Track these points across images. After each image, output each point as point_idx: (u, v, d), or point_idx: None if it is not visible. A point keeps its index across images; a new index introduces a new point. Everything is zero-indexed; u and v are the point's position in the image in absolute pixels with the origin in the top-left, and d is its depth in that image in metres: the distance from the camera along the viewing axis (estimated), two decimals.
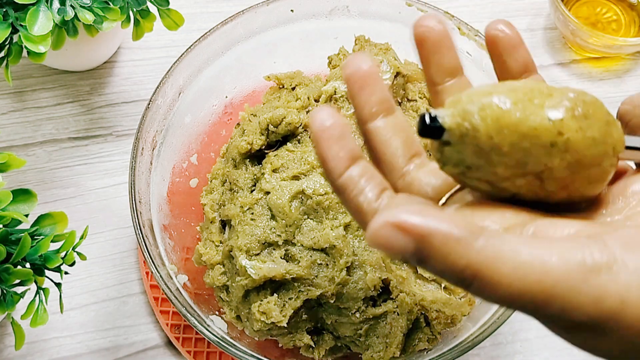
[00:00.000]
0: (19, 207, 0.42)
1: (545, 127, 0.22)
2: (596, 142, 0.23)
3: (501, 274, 0.20)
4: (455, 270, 0.20)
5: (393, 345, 0.45)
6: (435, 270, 0.21)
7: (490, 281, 0.20)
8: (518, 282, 0.20)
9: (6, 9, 0.48)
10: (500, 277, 0.20)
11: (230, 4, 0.69)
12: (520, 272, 0.20)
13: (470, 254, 0.20)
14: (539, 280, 0.20)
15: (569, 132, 0.22)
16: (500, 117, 0.23)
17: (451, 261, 0.20)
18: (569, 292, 0.20)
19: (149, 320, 0.54)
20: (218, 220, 0.51)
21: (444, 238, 0.20)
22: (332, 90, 0.50)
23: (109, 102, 0.64)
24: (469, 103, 0.23)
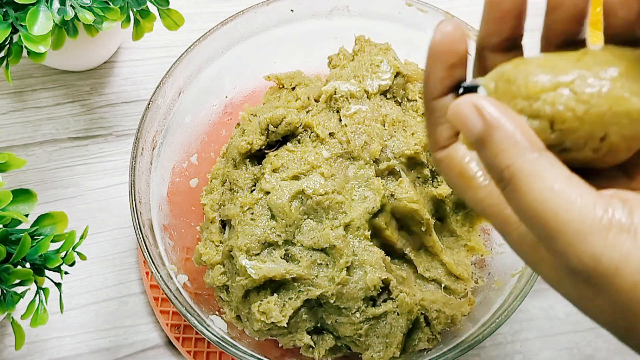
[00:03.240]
0: (19, 207, 0.42)
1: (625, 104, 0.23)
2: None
3: (531, 188, 0.21)
4: (500, 166, 0.22)
5: (393, 345, 0.45)
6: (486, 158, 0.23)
7: (521, 190, 0.21)
8: (540, 202, 0.21)
9: (6, 8, 0.48)
10: (530, 191, 0.21)
11: (230, 4, 0.69)
12: (546, 194, 0.21)
13: (517, 159, 0.21)
14: (556, 212, 0.21)
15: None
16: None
17: (500, 157, 0.22)
18: (575, 236, 0.21)
19: (149, 320, 0.54)
20: (218, 220, 0.51)
21: (505, 135, 0.22)
22: (332, 90, 0.50)
23: (109, 102, 0.64)
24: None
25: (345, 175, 0.48)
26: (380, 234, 0.47)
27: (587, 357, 0.54)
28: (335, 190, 0.46)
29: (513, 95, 0.23)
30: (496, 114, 0.22)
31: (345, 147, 0.48)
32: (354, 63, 0.52)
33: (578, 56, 0.24)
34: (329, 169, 0.47)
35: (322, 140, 0.48)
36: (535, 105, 0.23)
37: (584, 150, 0.23)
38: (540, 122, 0.23)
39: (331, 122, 0.49)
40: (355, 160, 0.48)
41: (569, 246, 0.21)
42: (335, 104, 0.50)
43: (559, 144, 0.23)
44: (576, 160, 0.24)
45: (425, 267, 0.49)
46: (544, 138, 0.23)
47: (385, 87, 0.51)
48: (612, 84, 0.23)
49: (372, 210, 0.46)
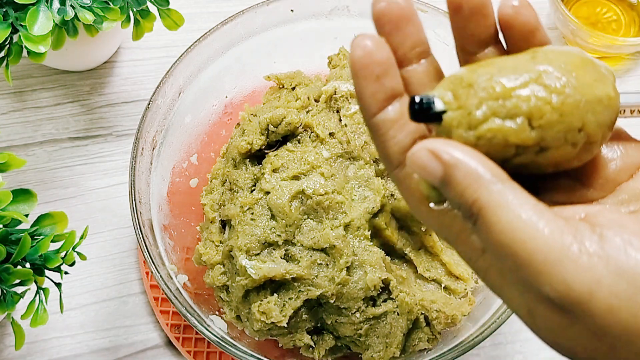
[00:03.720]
0: (19, 207, 0.42)
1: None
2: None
3: (499, 220, 0.21)
4: (467, 202, 0.22)
5: (393, 345, 0.45)
6: (453, 199, 0.22)
7: (489, 222, 0.21)
8: (508, 232, 0.21)
9: (6, 8, 0.48)
10: (498, 222, 0.21)
11: (230, 4, 0.69)
12: (514, 224, 0.21)
13: (482, 192, 0.21)
14: (524, 241, 0.21)
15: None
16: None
17: (466, 194, 0.22)
18: (545, 264, 0.20)
19: (149, 320, 0.54)
20: (218, 220, 0.51)
21: (467, 171, 0.22)
22: (332, 90, 0.50)
23: (109, 102, 0.64)
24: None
25: (346, 175, 0.48)
26: (380, 234, 0.47)
27: None
28: (335, 190, 0.46)
29: (480, 98, 0.22)
30: (454, 153, 0.22)
31: (345, 147, 0.48)
32: None
33: (531, 55, 0.24)
34: (329, 169, 0.47)
35: (322, 140, 0.48)
36: (510, 104, 0.22)
37: (563, 146, 0.23)
38: (517, 121, 0.22)
39: (331, 122, 0.49)
40: (356, 160, 0.48)
41: (539, 275, 0.21)
42: (335, 104, 0.50)
43: (539, 142, 0.22)
44: (552, 160, 0.23)
45: (425, 267, 0.49)
46: (524, 138, 0.22)
47: None
48: (577, 75, 0.23)
49: (372, 210, 0.46)
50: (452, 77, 0.23)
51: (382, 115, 0.25)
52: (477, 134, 0.22)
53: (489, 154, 0.22)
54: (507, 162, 0.23)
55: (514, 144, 0.22)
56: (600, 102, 0.23)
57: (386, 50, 0.24)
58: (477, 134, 0.22)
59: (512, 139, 0.22)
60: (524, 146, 0.22)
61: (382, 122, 0.25)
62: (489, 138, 0.22)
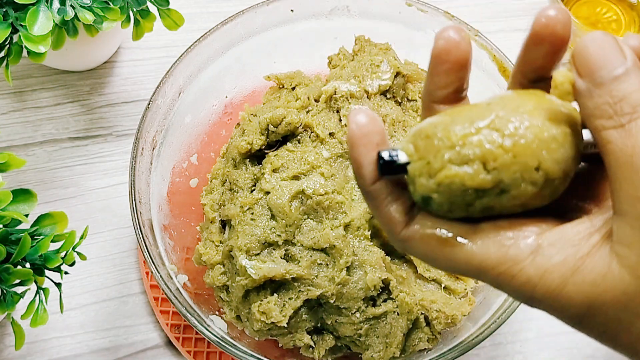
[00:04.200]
0: (19, 207, 0.42)
1: None
2: None
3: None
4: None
5: (393, 345, 0.45)
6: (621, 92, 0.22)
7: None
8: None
9: (6, 8, 0.48)
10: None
11: (230, 4, 0.69)
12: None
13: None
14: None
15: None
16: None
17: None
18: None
19: (149, 320, 0.54)
20: (218, 220, 0.51)
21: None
22: (332, 90, 0.50)
23: (109, 102, 0.64)
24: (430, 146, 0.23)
25: (345, 175, 0.48)
26: (381, 234, 0.47)
27: (587, 357, 0.54)
28: (335, 190, 0.46)
29: (437, 148, 0.23)
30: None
31: (345, 147, 0.48)
32: (354, 63, 0.52)
33: (488, 102, 0.24)
34: (329, 169, 0.47)
35: (322, 140, 0.48)
36: (464, 151, 0.23)
37: (522, 186, 0.23)
38: (472, 166, 0.23)
39: (331, 122, 0.49)
40: None
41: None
42: (335, 104, 0.50)
43: (497, 184, 0.23)
44: (517, 200, 0.23)
45: (425, 267, 0.49)
46: (480, 182, 0.23)
47: (385, 87, 0.51)
48: (530, 116, 0.23)
49: None
50: (415, 129, 0.25)
51: (382, 180, 0.25)
52: (437, 181, 0.23)
53: (451, 200, 0.23)
54: (471, 205, 0.24)
55: (472, 188, 0.23)
56: (554, 140, 0.23)
57: (379, 121, 0.25)
58: (437, 181, 0.23)
59: (469, 183, 0.23)
60: (482, 189, 0.23)
61: (383, 186, 0.25)
62: (447, 184, 0.23)
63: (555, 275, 0.22)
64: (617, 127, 0.21)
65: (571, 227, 0.23)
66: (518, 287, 0.23)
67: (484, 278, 0.24)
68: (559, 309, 0.23)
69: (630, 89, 0.21)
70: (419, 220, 0.25)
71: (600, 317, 0.22)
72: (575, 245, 0.23)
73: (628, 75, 0.22)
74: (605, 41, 0.22)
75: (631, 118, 0.21)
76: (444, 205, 0.24)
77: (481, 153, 0.23)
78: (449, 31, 0.25)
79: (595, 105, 0.22)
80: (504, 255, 0.23)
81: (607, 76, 0.22)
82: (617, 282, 0.22)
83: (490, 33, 0.55)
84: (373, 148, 0.25)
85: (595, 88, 0.22)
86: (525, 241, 0.23)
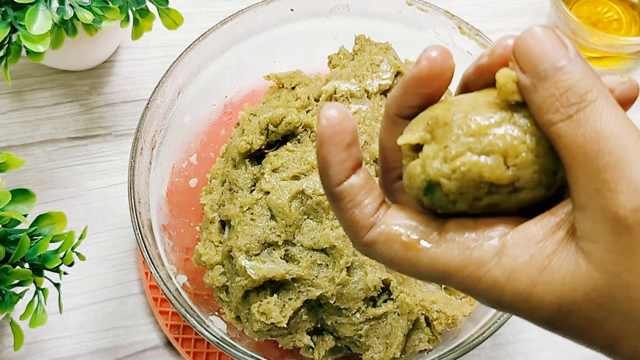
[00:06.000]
0: (17, 207, 0.42)
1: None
2: None
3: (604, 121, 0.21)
4: (581, 90, 0.21)
5: (393, 345, 0.45)
6: (559, 88, 0.21)
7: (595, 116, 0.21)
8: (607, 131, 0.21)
9: (5, 8, 0.48)
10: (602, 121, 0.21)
11: (230, 3, 0.69)
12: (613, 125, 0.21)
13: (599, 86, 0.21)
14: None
15: None
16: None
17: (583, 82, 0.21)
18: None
19: (148, 320, 0.54)
20: (217, 220, 0.51)
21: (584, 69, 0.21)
22: (332, 89, 0.50)
23: (108, 102, 0.64)
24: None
25: None
26: None
27: (587, 357, 0.54)
28: None
29: (456, 135, 0.22)
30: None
31: None
32: (354, 62, 0.52)
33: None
34: None
35: None
36: (485, 141, 0.22)
37: (537, 188, 0.22)
38: (493, 157, 0.22)
39: None
40: None
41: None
42: None
43: (513, 182, 0.22)
44: (524, 202, 0.23)
45: None
46: (498, 175, 0.22)
47: (385, 87, 0.50)
48: None
49: None
50: (428, 117, 0.24)
51: (349, 182, 0.24)
52: (452, 166, 0.22)
53: (461, 190, 0.23)
54: (478, 200, 0.23)
55: (487, 181, 0.22)
56: None
57: (352, 119, 0.24)
58: (452, 167, 0.22)
59: (487, 175, 0.22)
60: (498, 184, 0.22)
61: (350, 188, 0.24)
62: (463, 172, 0.22)
63: (523, 275, 0.22)
64: (566, 119, 0.21)
65: (534, 224, 0.22)
66: (485, 291, 0.23)
67: (449, 282, 0.23)
68: (530, 312, 0.22)
69: (576, 78, 0.21)
70: (384, 220, 0.24)
71: (573, 317, 0.22)
72: (540, 242, 0.22)
73: (572, 64, 0.21)
74: (544, 34, 0.22)
75: (578, 108, 0.21)
76: (451, 195, 0.23)
77: (503, 147, 0.22)
78: (437, 57, 0.24)
79: (542, 99, 0.21)
80: (468, 258, 0.23)
81: (550, 68, 0.21)
82: (585, 279, 0.21)
83: (490, 32, 0.54)
84: (343, 148, 0.24)
85: (539, 82, 0.21)
86: (489, 242, 0.23)
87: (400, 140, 0.24)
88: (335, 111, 0.24)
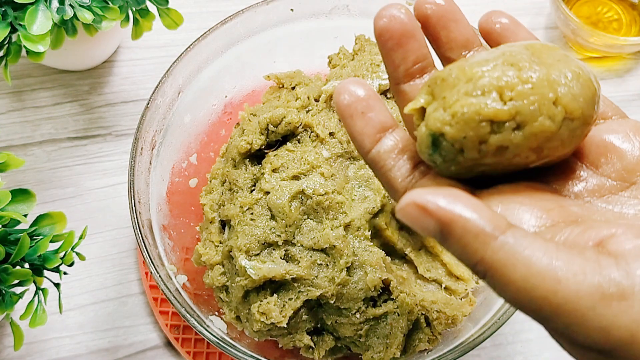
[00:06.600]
0: (17, 207, 0.42)
1: None
2: None
3: (510, 279, 0.19)
4: (470, 261, 0.20)
5: (393, 345, 0.45)
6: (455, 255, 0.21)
7: (500, 282, 0.20)
8: (526, 291, 0.19)
9: (5, 8, 0.48)
10: (509, 281, 0.19)
11: (230, 3, 0.69)
12: (530, 282, 0.19)
13: (485, 251, 0.19)
14: (546, 297, 0.19)
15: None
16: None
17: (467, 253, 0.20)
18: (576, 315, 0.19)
19: (148, 320, 0.54)
20: (217, 220, 0.51)
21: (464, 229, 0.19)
22: (332, 89, 0.50)
23: (108, 102, 0.64)
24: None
25: (346, 175, 0.47)
26: (381, 234, 0.47)
27: None
28: (335, 190, 0.45)
29: (452, 85, 0.23)
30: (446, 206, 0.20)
31: (346, 146, 0.48)
32: (354, 62, 0.52)
33: (496, 48, 0.25)
34: (329, 169, 0.46)
35: (322, 140, 0.48)
36: (480, 83, 0.23)
37: (540, 120, 0.22)
38: (489, 95, 0.22)
39: (331, 121, 0.49)
40: (356, 160, 0.48)
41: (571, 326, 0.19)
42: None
43: (513, 116, 0.22)
44: (534, 141, 0.23)
45: (426, 267, 0.49)
46: (497, 110, 0.22)
47: (385, 87, 0.50)
48: (543, 55, 0.23)
49: (372, 211, 0.46)
50: (428, 81, 0.25)
51: (377, 147, 0.25)
52: (452, 111, 0.23)
53: (465, 134, 0.23)
54: (484, 143, 0.23)
55: (487, 119, 0.22)
56: (571, 77, 0.23)
57: (366, 87, 0.25)
58: (452, 112, 0.23)
59: (485, 111, 0.22)
60: (499, 121, 0.23)
61: (378, 154, 0.25)
62: (462, 114, 0.23)
63: None
64: None
65: None
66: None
67: None
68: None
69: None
70: (418, 186, 0.24)
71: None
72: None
73: None
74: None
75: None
76: (455, 142, 0.23)
77: (498, 84, 0.23)
78: (385, 9, 0.25)
79: None
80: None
81: None
82: None
83: None
84: (359, 117, 0.24)
85: None
86: None
87: (406, 108, 0.25)
88: (346, 87, 0.25)
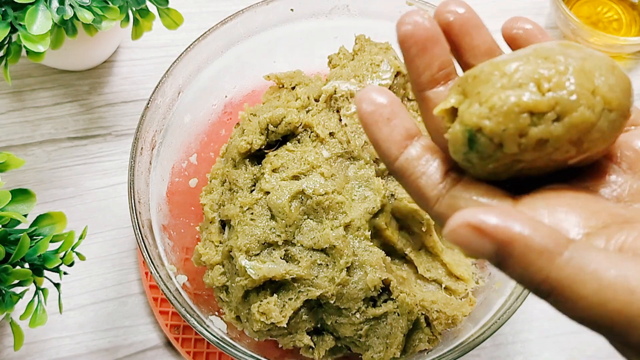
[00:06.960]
0: (17, 207, 0.42)
1: None
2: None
3: (580, 295, 0.18)
4: (533, 281, 0.19)
5: (393, 345, 0.45)
6: (513, 276, 0.20)
7: (569, 299, 0.19)
8: (598, 306, 0.18)
9: (5, 8, 0.48)
10: (579, 297, 0.18)
11: (230, 3, 0.69)
12: (602, 295, 0.18)
13: (550, 268, 0.19)
14: (621, 309, 0.18)
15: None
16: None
17: (530, 272, 0.19)
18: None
19: (148, 320, 0.54)
20: (217, 220, 0.51)
21: (525, 248, 0.19)
22: (332, 89, 0.50)
23: (108, 102, 0.64)
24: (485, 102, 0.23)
25: (346, 175, 0.47)
26: (381, 234, 0.47)
27: (588, 358, 0.54)
28: (335, 190, 0.45)
29: (486, 80, 0.23)
30: (502, 225, 0.19)
31: (346, 147, 0.48)
32: (354, 62, 0.52)
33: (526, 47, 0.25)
34: (329, 169, 0.46)
35: (322, 140, 0.48)
36: (516, 76, 0.22)
37: (580, 110, 0.22)
38: (527, 86, 0.22)
39: (331, 121, 0.49)
40: (356, 160, 0.48)
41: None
42: (335, 103, 0.50)
43: (552, 107, 0.22)
44: (575, 132, 0.22)
45: (426, 267, 0.49)
46: (536, 101, 0.22)
47: (385, 87, 0.50)
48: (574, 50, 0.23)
49: (372, 211, 0.46)
50: (457, 82, 0.24)
51: (405, 155, 0.24)
52: (489, 105, 0.22)
53: (504, 126, 0.22)
54: (524, 136, 0.22)
55: (527, 110, 0.22)
56: (606, 69, 0.23)
57: (389, 93, 0.24)
58: (489, 105, 0.22)
59: (524, 103, 0.22)
60: (539, 112, 0.22)
61: (406, 162, 0.24)
62: (500, 106, 0.22)
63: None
64: None
65: None
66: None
67: None
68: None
69: None
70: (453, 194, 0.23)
71: None
72: None
73: None
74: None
75: None
76: (495, 136, 0.22)
77: (534, 76, 0.22)
78: (407, 16, 0.25)
79: None
80: None
81: None
82: None
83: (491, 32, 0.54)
84: (384, 123, 0.23)
85: None
86: None
87: (435, 110, 0.24)
88: (369, 94, 0.24)
